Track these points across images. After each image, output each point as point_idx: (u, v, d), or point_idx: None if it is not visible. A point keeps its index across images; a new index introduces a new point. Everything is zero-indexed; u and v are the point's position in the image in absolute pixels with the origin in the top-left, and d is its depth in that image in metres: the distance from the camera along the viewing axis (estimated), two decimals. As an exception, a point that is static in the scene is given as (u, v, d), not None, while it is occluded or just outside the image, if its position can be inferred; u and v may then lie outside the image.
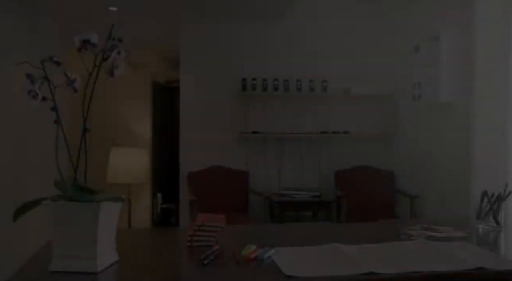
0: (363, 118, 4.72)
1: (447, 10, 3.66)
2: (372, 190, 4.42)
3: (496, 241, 1.63)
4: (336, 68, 4.59)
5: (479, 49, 3.30)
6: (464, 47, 3.41)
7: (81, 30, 1.21)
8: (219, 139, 4.52)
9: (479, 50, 3.30)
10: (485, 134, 3.31)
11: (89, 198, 1.17)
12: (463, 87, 3.44)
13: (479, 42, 3.30)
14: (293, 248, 1.42)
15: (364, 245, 1.46)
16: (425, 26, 3.93)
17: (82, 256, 1.17)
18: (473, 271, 1.22)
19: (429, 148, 3.95)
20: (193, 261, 1.33)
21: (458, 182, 3.51)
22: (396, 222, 1.95)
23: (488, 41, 3.29)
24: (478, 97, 3.32)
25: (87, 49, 1.15)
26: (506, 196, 1.79)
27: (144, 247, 1.58)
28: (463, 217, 2.81)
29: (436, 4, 3.82)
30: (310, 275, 1.17)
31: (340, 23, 4.64)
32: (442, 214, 3.70)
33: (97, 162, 5.76)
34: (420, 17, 4.06)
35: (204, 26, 4.60)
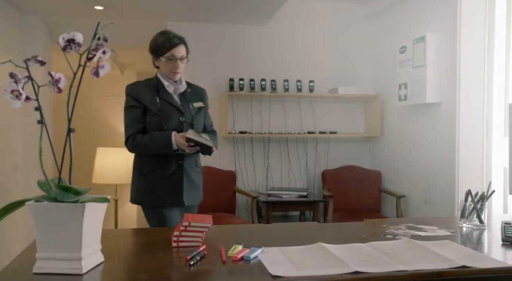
0: (350, 118, 4.75)
1: (433, 12, 3.70)
2: (359, 190, 4.44)
3: (480, 240, 1.66)
4: (323, 68, 4.61)
5: (463, 51, 3.35)
6: (450, 49, 3.46)
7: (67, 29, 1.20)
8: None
9: (464, 51, 3.35)
10: (470, 134, 3.36)
11: (73, 199, 1.16)
12: (449, 88, 3.48)
13: (464, 44, 3.35)
14: (279, 248, 1.42)
15: (350, 244, 1.47)
16: (411, 27, 3.96)
17: (66, 258, 1.16)
18: (457, 270, 1.24)
19: (415, 148, 3.99)
20: (179, 261, 1.33)
21: (444, 181, 3.55)
22: (381, 222, 1.97)
23: (472, 42, 3.34)
24: (463, 97, 3.37)
25: (72, 49, 1.14)
26: (489, 196, 1.82)
27: (130, 248, 1.57)
28: (448, 216, 2.86)
29: (422, 6, 3.86)
30: (296, 275, 1.17)
31: (328, 24, 4.66)
32: (428, 214, 3.74)
33: (83, 163, 5.73)
34: (406, 19, 4.10)
35: (191, 25, 4.58)
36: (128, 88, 2.32)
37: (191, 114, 2.29)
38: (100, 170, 5.32)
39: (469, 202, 1.80)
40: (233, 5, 3.91)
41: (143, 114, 2.24)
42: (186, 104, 2.30)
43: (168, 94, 2.28)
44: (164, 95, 2.26)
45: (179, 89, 2.32)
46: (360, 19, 4.73)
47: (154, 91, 2.26)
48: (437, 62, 3.58)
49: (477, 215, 1.79)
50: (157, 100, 2.24)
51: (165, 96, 2.26)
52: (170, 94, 2.29)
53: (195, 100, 2.37)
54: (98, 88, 6.10)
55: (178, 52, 2.24)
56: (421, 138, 3.88)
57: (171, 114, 2.24)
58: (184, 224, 1.46)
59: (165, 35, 2.26)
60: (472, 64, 3.33)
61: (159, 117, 2.21)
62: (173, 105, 2.26)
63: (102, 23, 1.20)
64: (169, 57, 2.22)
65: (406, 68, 3.87)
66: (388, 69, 4.34)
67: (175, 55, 2.23)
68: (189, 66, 2.26)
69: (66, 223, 1.15)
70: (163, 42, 2.23)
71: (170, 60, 2.22)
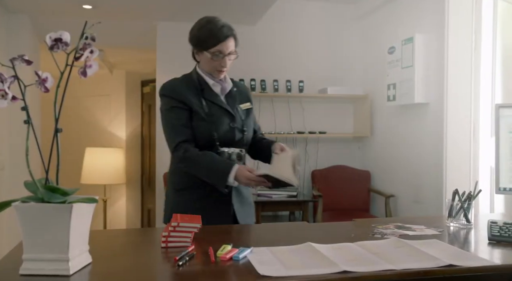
0: (340, 119, 4.77)
1: (421, 14, 3.74)
2: (348, 190, 4.47)
3: (467, 239, 1.67)
4: (313, 68, 4.63)
5: (451, 52, 3.39)
6: (437, 49, 3.49)
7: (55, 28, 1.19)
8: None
9: (451, 52, 3.39)
10: (457, 134, 3.39)
11: (61, 200, 1.15)
12: (437, 89, 3.51)
13: (451, 45, 3.38)
14: (268, 248, 1.42)
15: (339, 244, 1.48)
16: (400, 28, 4.00)
17: (53, 259, 1.15)
18: (444, 268, 1.25)
19: (404, 148, 4.02)
20: (168, 262, 1.32)
21: (432, 181, 3.58)
22: (370, 221, 1.98)
23: (460, 43, 3.37)
24: (450, 98, 3.40)
25: (59, 48, 1.13)
26: (475, 195, 1.84)
27: (119, 249, 1.56)
28: (436, 216, 2.88)
29: (411, 8, 3.89)
30: (284, 275, 1.17)
31: (317, 25, 4.68)
32: (416, 213, 3.78)
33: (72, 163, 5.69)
34: (395, 20, 4.13)
35: (181, 25, 4.57)
36: (166, 89, 1.93)
37: (240, 118, 1.96)
38: (88, 170, 5.29)
39: (456, 202, 1.82)
40: (223, 5, 3.91)
41: (190, 116, 1.88)
42: (234, 106, 1.97)
43: (214, 95, 1.93)
44: (210, 96, 1.92)
45: (226, 89, 1.98)
46: (350, 19, 4.75)
47: (197, 90, 1.91)
48: (425, 62, 3.61)
49: (464, 214, 1.80)
50: (203, 102, 1.89)
51: (211, 97, 1.92)
52: (216, 95, 1.94)
53: (242, 100, 2.02)
54: (87, 88, 6.06)
55: (227, 47, 1.86)
56: (410, 138, 3.91)
57: (220, 119, 1.89)
58: (172, 225, 1.46)
59: (211, 23, 1.87)
60: (460, 65, 3.37)
61: (207, 122, 1.86)
62: (222, 108, 1.92)
63: (90, 23, 1.19)
64: (215, 52, 1.85)
65: (395, 69, 3.90)
66: (377, 69, 4.37)
67: (223, 50, 1.86)
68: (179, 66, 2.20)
69: (53, 224, 1.14)
70: (209, 34, 1.85)
71: (216, 56, 1.86)
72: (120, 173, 5.48)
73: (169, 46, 4.59)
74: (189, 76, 1.97)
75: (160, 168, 4.60)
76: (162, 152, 4.64)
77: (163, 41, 4.58)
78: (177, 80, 1.96)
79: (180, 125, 1.85)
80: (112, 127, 6.28)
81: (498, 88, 3.32)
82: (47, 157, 1.20)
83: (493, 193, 3.16)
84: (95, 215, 1.28)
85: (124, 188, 6.20)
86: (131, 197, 6.28)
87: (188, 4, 3.95)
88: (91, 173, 5.26)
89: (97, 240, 1.51)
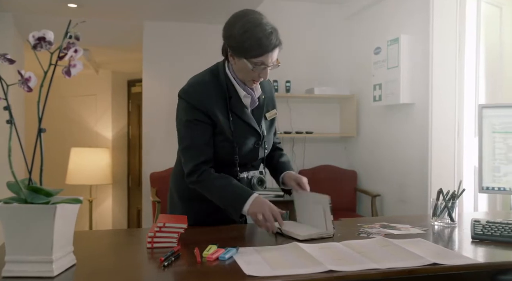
0: (326, 119, 4.80)
1: (406, 15, 3.77)
2: (335, 190, 4.49)
3: (451, 237, 1.69)
4: (299, 68, 4.64)
5: (436, 52, 3.42)
6: (422, 50, 3.53)
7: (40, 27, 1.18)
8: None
9: (436, 53, 3.43)
10: (442, 134, 3.43)
11: (44, 200, 1.14)
12: (422, 89, 3.55)
13: (436, 46, 3.42)
14: (255, 248, 1.42)
15: (325, 243, 1.49)
16: (386, 29, 4.03)
17: (37, 261, 1.13)
18: (428, 267, 1.26)
19: (389, 148, 4.05)
20: (154, 262, 1.32)
21: (417, 180, 3.62)
22: (356, 221, 1.99)
23: (444, 44, 3.41)
24: (435, 98, 3.44)
25: (42, 47, 1.12)
26: (459, 194, 1.86)
27: (104, 249, 1.55)
28: (421, 215, 2.91)
29: (396, 9, 3.93)
30: (270, 275, 1.17)
31: (304, 25, 4.69)
32: (402, 212, 3.81)
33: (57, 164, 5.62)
34: (381, 21, 4.16)
35: (168, 25, 4.55)
36: (191, 96, 1.65)
37: (264, 133, 1.76)
38: (74, 170, 5.24)
39: (441, 201, 1.84)
40: (209, 4, 3.90)
41: (212, 133, 1.66)
42: (261, 120, 1.75)
43: (241, 107, 1.69)
44: (237, 109, 1.68)
45: (256, 101, 1.73)
46: (336, 20, 4.78)
47: (224, 99, 1.66)
48: (411, 63, 3.65)
49: (448, 214, 1.83)
50: (229, 117, 1.66)
51: (238, 110, 1.68)
52: (244, 107, 1.70)
53: (269, 108, 1.80)
54: (73, 88, 6.00)
55: (272, 58, 1.60)
56: (395, 138, 3.95)
57: (245, 139, 1.69)
58: (158, 225, 1.45)
59: (259, 28, 1.56)
60: (444, 66, 3.41)
61: (230, 142, 1.66)
62: (250, 126, 1.71)
63: (75, 21, 1.18)
64: (257, 63, 1.59)
65: (381, 69, 3.93)
66: (363, 70, 4.40)
67: (267, 62, 1.59)
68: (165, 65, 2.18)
69: (36, 225, 1.13)
70: (256, 43, 1.55)
71: (258, 66, 1.59)
72: (106, 174, 5.43)
73: (155, 46, 4.56)
74: (217, 76, 1.69)
75: (147, 169, 4.57)
76: (149, 153, 4.62)
77: (149, 40, 4.56)
78: (203, 84, 1.67)
79: (202, 144, 1.64)
80: (98, 127, 6.23)
81: (482, 89, 3.37)
82: (30, 157, 1.18)
83: (477, 192, 3.20)
84: (80, 216, 1.27)
85: (110, 189, 6.15)
86: (118, 198, 6.23)
87: (175, 4, 3.94)
88: (76, 173, 5.21)
89: (82, 241, 1.49)
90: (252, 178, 1.77)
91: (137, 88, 6.04)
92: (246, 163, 1.74)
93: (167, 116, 4.59)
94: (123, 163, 6.21)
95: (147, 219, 4.64)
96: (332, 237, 1.58)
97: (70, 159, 5.27)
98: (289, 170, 1.84)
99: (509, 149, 1.77)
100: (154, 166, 4.49)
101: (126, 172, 6.26)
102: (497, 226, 1.60)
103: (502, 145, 1.78)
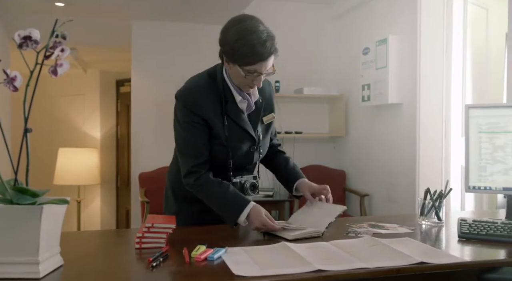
0: (315, 119, 4.81)
1: (395, 16, 3.80)
2: (324, 189, 4.50)
3: (438, 236, 1.71)
4: (288, 69, 4.64)
5: (423, 53, 3.45)
6: (410, 51, 3.55)
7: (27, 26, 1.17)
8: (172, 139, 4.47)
9: (424, 53, 3.45)
10: (429, 134, 3.46)
11: (30, 201, 1.12)
12: (410, 89, 3.58)
13: (424, 46, 3.45)
14: (243, 248, 1.42)
15: (314, 243, 1.49)
16: (374, 30, 4.05)
17: (23, 262, 1.12)
18: (415, 266, 1.28)
19: (378, 148, 4.08)
20: (142, 263, 1.31)
21: (405, 180, 3.64)
22: (344, 220, 2.00)
23: (432, 45, 3.45)
24: (423, 98, 3.47)
25: (28, 46, 1.11)
26: (446, 194, 1.88)
27: (92, 250, 1.54)
28: (409, 214, 2.93)
29: (384, 10, 3.95)
30: (259, 275, 1.17)
31: (293, 25, 4.70)
32: (391, 212, 3.84)
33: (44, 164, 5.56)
34: (369, 21, 4.19)
35: (156, 24, 4.53)
36: (187, 100, 1.65)
37: (259, 137, 1.76)
38: (62, 171, 5.19)
39: (428, 200, 1.86)
40: (198, 4, 3.89)
41: (208, 136, 1.66)
42: (257, 124, 1.75)
43: (237, 112, 1.68)
44: (233, 113, 1.67)
45: (252, 106, 1.72)
46: (325, 20, 4.80)
47: (220, 104, 1.65)
48: (399, 63, 3.67)
49: (435, 213, 1.84)
50: (225, 121, 1.65)
51: (234, 114, 1.67)
52: (240, 112, 1.69)
53: (266, 111, 1.79)
54: (60, 87, 5.94)
55: (266, 66, 1.58)
56: (384, 138, 3.97)
57: (240, 144, 1.70)
58: (147, 225, 1.44)
59: (254, 35, 1.53)
60: (432, 66, 3.44)
61: (224, 147, 1.67)
62: (245, 131, 1.70)
63: (62, 20, 1.17)
64: (250, 70, 1.57)
65: (369, 70, 3.95)
66: (352, 70, 4.42)
67: (260, 70, 1.58)
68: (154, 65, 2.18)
69: (22, 226, 1.11)
70: (250, 50, 1.53)
71: (251, 74, 1.58)
72: (95, 174, 5.39)
73: (144, 45, 4.54)
74: (214, 79, 1.68)
75: (136, 169, 4.55)
76: (138, 153, 4.59)
77: (138, 40, 4.54)
78: (199, 88, 1.66)
79: (199, 145, 1.64)
80: (86, 127, 6.18)
81: (469, 89, 3.41)
82: (16, 157, 1.17)
83: (464, 192, 3.23)
84: (68, 217, 1.26)
85: (98, 189, 6.11)
86: (106, 198, 6.19)
87: (163, 3, 3.92)
88: (64, 174, 5.16)
89: (70, 242, 1.48)
90: (245, 183, 1.78)
91: (126, 88, 6.00)
92: (241, 167, 1.75)
93: (156, 116, 4.57)
94: (111, 163, 6.17)
95: (136, 219, 4.62)
96: (321, 236, 1.59)
97: (58, 159, 5.22)
98: (300, 177, 1.87)
99: (495, 149, 1.79)
100: (143, 166, 4.47)
101: (115, 172, 6.21)
102: (483, 225, 1.62)
103: (488, 145, 1.81)
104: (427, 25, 3.44)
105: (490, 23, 3.43)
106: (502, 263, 1.38)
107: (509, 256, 1.43)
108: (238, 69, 1.57)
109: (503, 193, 1.82)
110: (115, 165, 6.21)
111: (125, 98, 5.90)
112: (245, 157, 1.74)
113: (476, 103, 3.34)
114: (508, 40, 2.71)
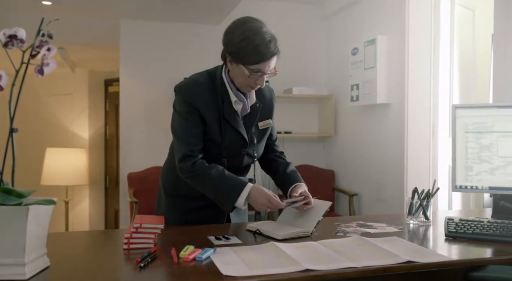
0: (305, 118, 4.82)
1: (383, 16, 3.82)
2: (313, 189, 4.46)
3: (425, 235, 1.72)
4: (278, 68, 4.65)
5: (411, 53, 3.48)
6: (398, 51, 3.58)
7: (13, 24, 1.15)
8: (161, 139, 4.45)
9: (412, 54, 3.48)
10: (417, 134, 3.49)
11: (16, 202, 1.11)
12: (398, 89, 3.60)
13: (412, 47, 3.48)
14: (232, 248, 1.42)
15: (302, 243, 1.50)
16: (363, 30, 4.07)
17: (8, 263, 1.11)
18: (403, 265, 1.29)
19: (367, 148, 4.10)
20: (130, 263, 1.30)
21: (394, 180, 3.67)
22: (333, 220, 2.01)
23: (419, 45, 3.47)
24: (411, 98, 3.50)
25: (14, 45, 1.09)
26: (434, 193, 1.90)
27: (79, 251, 1.52)
28: (397, 214, 2.95)
29: (373, 10, 3.98)
30: (248, 275, 1.17)
31: (282, 25, 4.70)
32: (379, 211, 3.86)
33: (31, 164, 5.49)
34: (358, 22, 4.21)
35: (145, 24, 4.51)
36: (183, 92, 1.71)
37: (253, 142, 1.78)
38: (49, 171, 5.14)
39: (416, 200, 1.87)
40: (188, 3, 3.88)
41: (203, 129, 1.69)
42: (251, 127, 1.77)
43: (232, 113, 1.71)
44: (228, 114, 1.70)
45: (247, 109, 1.76)
46: (314, 20, 4.81)
47: (217, 104, 1.69)
48: (387, 64, 3.70)
49: (423, 212, 1.86)
50: (221, 121, 1.69)
51: (229, 115, 1.70)
52: (235, 113, 1.73)
53: (264, 116, 1.82)
54: (48, 87, 5.88)
55: (269, 66, 1.64)
56: (372, 138, 4.00)
57: (232, 145, 1.72)
58: (135, 226, 1.43)
59: (258, 35, 1.60)
60: (419, 67, 3.47)
61: (218, 146, 1.70)
62: (238, 133, 1.73)
63: (50, 19, 1.15)
64: (254, 70, 1.62)
65: (358, 70, 3.97)
66: (341, 70, 4.44)
67: (264, 69, 1.63)
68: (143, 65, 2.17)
69: (8, 227, 1.10)
70: (254, 50, 1.59)
71: (255, 73, 1.63)
72: (83, 174, 5.35)
73: (133, 45, 4.51)
74: (213, 78, 1.73)
75: (124, 169, 4.52)
76: (127, 153, 4.56)
77: (126, 39, 4.50)
78: (197, 84, 1.71)
79: (196, 134, 1.67)
80: (74, 127, 6.12)
81: (456, 89, 3.44)
82: (1, 158, 1.16)
83: (451, 191, 3.27)
84: (56, 218, 1.25)
85: (87, 189, 6.06)
86: (95, 199, 6.14)
87: (152, 3, 3.90)
88: (52, 174, 5.11)
89: (57, 243, 1.47)
90: None
91: (115, 88, 5.95)
92: (233, 168, 1.75)
93: (145, 115, 4.54)
94: (100, 164, 6.12)
95: (125, 220, 4.59)
96: (310, 236, 1.60)
97: (46, 160, 5.16)
98: (296, 182, 1.85)
99: (481, 148, 1.81)
100: (131, 166, 4.44)
101: (104, 172, 6.16)
102: (470, 224, 1.64)
103: (474, 145, 1.83)
104: (415, 26, 3.46)
105: (476, 24, 3.47)
106: (488, 262, 1.39)
107: (495, 254, 1.45)
108: (243, 68, 1.62)
109: (489, 192, 1.84)
110: (104, 165, 6.16)
111: (114, 97, 5.85)
112: (235, 158, 1.76)
113: (463, 103, 3.37)
114: (494, 41, 2.74)
